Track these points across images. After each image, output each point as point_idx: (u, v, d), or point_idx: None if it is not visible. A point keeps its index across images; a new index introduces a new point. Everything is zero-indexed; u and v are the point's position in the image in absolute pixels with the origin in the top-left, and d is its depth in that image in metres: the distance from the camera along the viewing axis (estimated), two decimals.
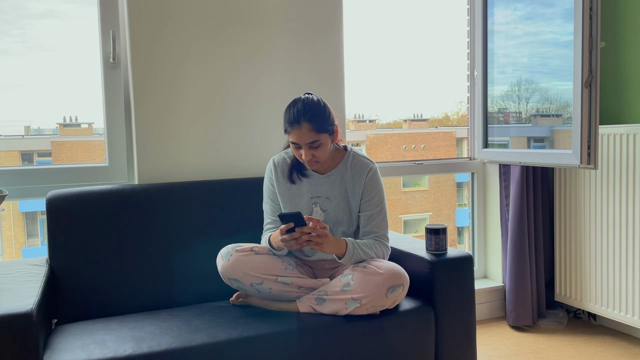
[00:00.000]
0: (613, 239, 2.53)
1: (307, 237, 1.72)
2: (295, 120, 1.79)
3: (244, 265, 1.80)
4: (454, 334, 1.94)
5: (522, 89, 2.73)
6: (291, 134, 1.81)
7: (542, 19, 2.57)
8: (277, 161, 1.98)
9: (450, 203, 15.61)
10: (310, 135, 1.78)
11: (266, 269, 1.81)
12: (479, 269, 3.09)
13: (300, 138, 1.79)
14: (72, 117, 12.76)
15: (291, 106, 1.83)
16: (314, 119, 1.78)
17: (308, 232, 1.72)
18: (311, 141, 1.79)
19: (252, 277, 1.80)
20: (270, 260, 1.84)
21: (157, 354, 1.54)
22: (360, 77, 27.13)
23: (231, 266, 1.81)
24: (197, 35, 2.27)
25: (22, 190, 2.22)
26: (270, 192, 1.99)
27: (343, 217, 1.93)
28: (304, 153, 1.81)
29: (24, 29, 14.50)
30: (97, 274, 1.94)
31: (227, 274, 1.82)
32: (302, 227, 1.72)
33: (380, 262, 1.83)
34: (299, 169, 1.95)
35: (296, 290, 1.83)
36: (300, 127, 1.78)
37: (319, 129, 1.79)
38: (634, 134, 2.40)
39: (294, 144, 1.83)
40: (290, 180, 1.94)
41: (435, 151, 15.55)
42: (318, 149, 1.81)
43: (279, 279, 1.81)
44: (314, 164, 1.85)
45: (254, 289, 1.82)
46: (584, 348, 2.53)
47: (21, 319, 1.45)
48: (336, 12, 2.49)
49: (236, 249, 1.83)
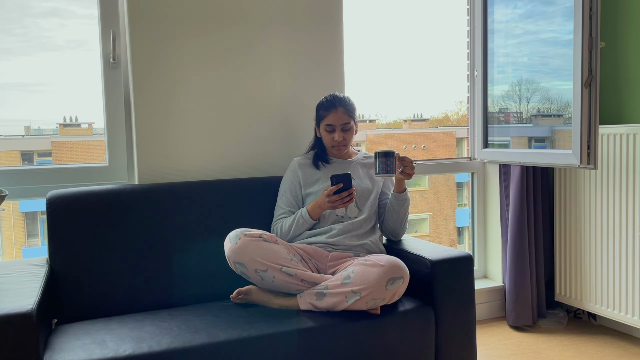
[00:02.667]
0: (613, 239, 2.53)
1: (350, 197, 1.97)
2: (332, 105, 2.12)
3: (251, 250, 1.82)
4: (454, 334, 1.94)
5: (523, 89, 2.73)
6: (328, 117, 2.12)
7: (543, 18, 2.57)
8: (299, 159, 2.23)
9: (450, 203, 15.62)
10: (344, 117, 2.11)
11: (272, 257, 1.83)
12: (479, 269, 3.09)
13: (337, 119, 2.11)
14: (72, 117, 12.77)
15: (326, 98, 2.17)
16: (346, 104, 2.14)
17: (351, 192, 1.97)
18: (345, 122, 2.11)
19: (257, 263, 1.81)
20: (277, 250, 1.87)
21: (157, 354, 1.54)
22: (361, 77, 27.13)
23: (238, 249, 1.83)
24: (197, 35, 2.27)
25: (22, 190, 2.22)
26: (290, 185, 2.17)
27: (367, 191, 2.14)
28: (337, 134, 2.11)
29: (27, 28, 14.49)
30: (97, 274, 1.94)
31: (233, 257, 1.84)
32: (349, 189, 1.97)
33: (380, 256, 1.89)
34: (324, 159, 2.20)
35: (299, 283, 1.83)
36: (336, 110, 2.11)
37: (350, 113, 2.13)
38: (634, 134, 2.40)
39: (329, 126, 2.12)
40: (315, 166, 2.18)
41: (435, 151, 15.55)
42: (348, 132, 2.13)
43: (283, 269, 1.82)
44: (343, 147, 2.14)
45: (258, 276, 1.83)
46: (584, 348, 2.53)
47: (21, 319, 1.45)
48: (336, 12, 2.49)
49: (245, 233, 1.86)
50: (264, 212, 2.19)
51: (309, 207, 2.06)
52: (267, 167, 2.41)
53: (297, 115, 2.45)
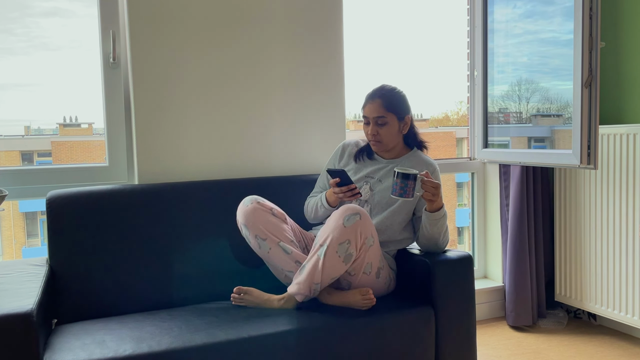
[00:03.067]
0: (613, 239, 2.53)
1: (351, 192, 1.92)
2: (370, 96, 2.03)
3: (257, 217, 1.88)
4: (454, 334, 1.94)
5: (523, 89, 2.72)
6: (365, 107, 2.03)
7: (542, 17, 2.57)
8: (346, 142, 2.18)
9: (450, 203, 15.60)
10: (379, 110, 1.99)
11: (274, 230, 1.88)
12: (479, 269, 3.09)
13: (370, 111, 2.01)
14: (72, 117, 12.76)
15: (373, 88, 2.06)
16: (386, 97, 2.01)
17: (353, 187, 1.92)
18: (378, 116, 1.99)
19: (258, 230, 1.87)
20: (282, 227, 1.91)
21: (157, 354, 1.54)
22: (361, 77, 27.09)
23: (246, 212, 1.89)
24: (197, 36, 2.27)
25: (22, 190, 2.22)
26: (328, 167, 2.14)
27: (387, 202, 2.01)
28: (370, 128, 2.01)
29: (28, 28, 14.48)
30: (97, 274, 1.94)
31: (241, 219, 1.91)
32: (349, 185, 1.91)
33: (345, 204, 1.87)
34: (368, 153, 2.11)
35: (292, 263, 1.87)
36: (373, 102, 2.01)
37: (389, 107, 2.00)
38: (634, 134, 2.40)
39: (365, 118, 2.04)
40: (355, 158, 2.11)
41: (435, 151, 15.52)
42: (383, 127, 2.00)
43: (280, 244, 1.87)
44: (377, 143, 2.03)
45: (256, 243, 1.89)
46: (584, 348, 2.53)
47: (21, 319, 1.45)
48: (336, 12, 2.49)
49: (258, 201, 1.92)
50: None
51: (328, 192, 2.05)
52: (267, 167, 2.41)
53: (297, 115, 2.45)
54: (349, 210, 1.79)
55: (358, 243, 1.79)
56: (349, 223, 1.76)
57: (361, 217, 1.79)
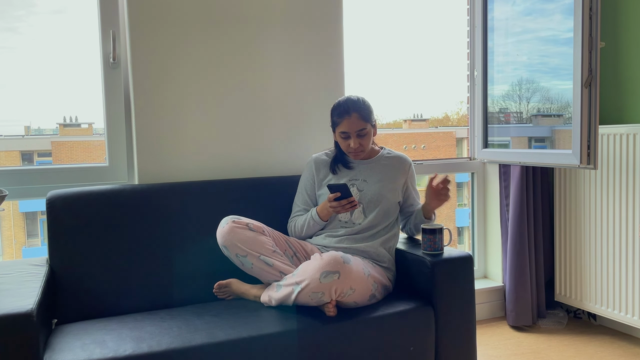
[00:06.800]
0: (613, 239, 2.53)
1: (351, 205, 1.97)
2: (345, 112, 2.04)
3: (234, 235, 1.89)
4: (454, 334, 1.94)
5: (523, 89, 2.72)
6: (341, 124, 2.05)
7: (542, 15, 2.56)
8: (316, 157, 2.22)
9: (450, 203, 15.61)
10: (359, 123, 2.04)
11: (253, 245, 1.89)
12: (479, 269, 3.09)
13: (351, 126, 2.04)
14: (72, 117, 12.77)
15: (339, 103, 2.09)
16: (360, 109, 2.05)
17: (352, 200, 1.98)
18: (360, 128, 2.04)
19: (237, 248, 1.88)
20: (261, 240, 1.91)
21: (157, 354, 1.54)
22: (361, 77, 27.14)
23: (223, 233, 1.91)
24: (197, 35, 2.27)
25: (22, 190, 2.22)
26: (306, 184, 2.19)
27: (377, 198, 2.09)
28: (352, 141, 2.06)
29: (28, 27, 14.49)
30: (97, 274, 1.94)
31: (220, 240, 1.92)
32: (348, 198, 1.97)
33: (331, 252, 1.81)
34: (343, 162, 2.17)
35: (277, 274, 1.88)
36: (350, 117, 2.03)
37: (366, 118, 2.05)
38: (634, 134, 2.40)
39: (343, 133, 2.06)
40: (331, 170, 2.16)
41: (435, 151, 15.55)
42: (364, 138, 2.07)
43: (261, 257, 1.88)
44: (360, 153, 2.09)
45: (238, 260, 1.90)
46: (584, 348, 2.53)
47: (21, 319, 1.45)
48: (336, 12, 2.49)
49: (233, 220, 1.93)
50: (264, 211, 2.19)
51: (319, 208, 2.08)
52: (267, 167, 2.41)
53: (297, 115, 2.45)
54: (328, 266, 1.74)
55: (333, 296, 1.77)
56: (326, 280, 1.73)
57: (340, 277, 1.74)
